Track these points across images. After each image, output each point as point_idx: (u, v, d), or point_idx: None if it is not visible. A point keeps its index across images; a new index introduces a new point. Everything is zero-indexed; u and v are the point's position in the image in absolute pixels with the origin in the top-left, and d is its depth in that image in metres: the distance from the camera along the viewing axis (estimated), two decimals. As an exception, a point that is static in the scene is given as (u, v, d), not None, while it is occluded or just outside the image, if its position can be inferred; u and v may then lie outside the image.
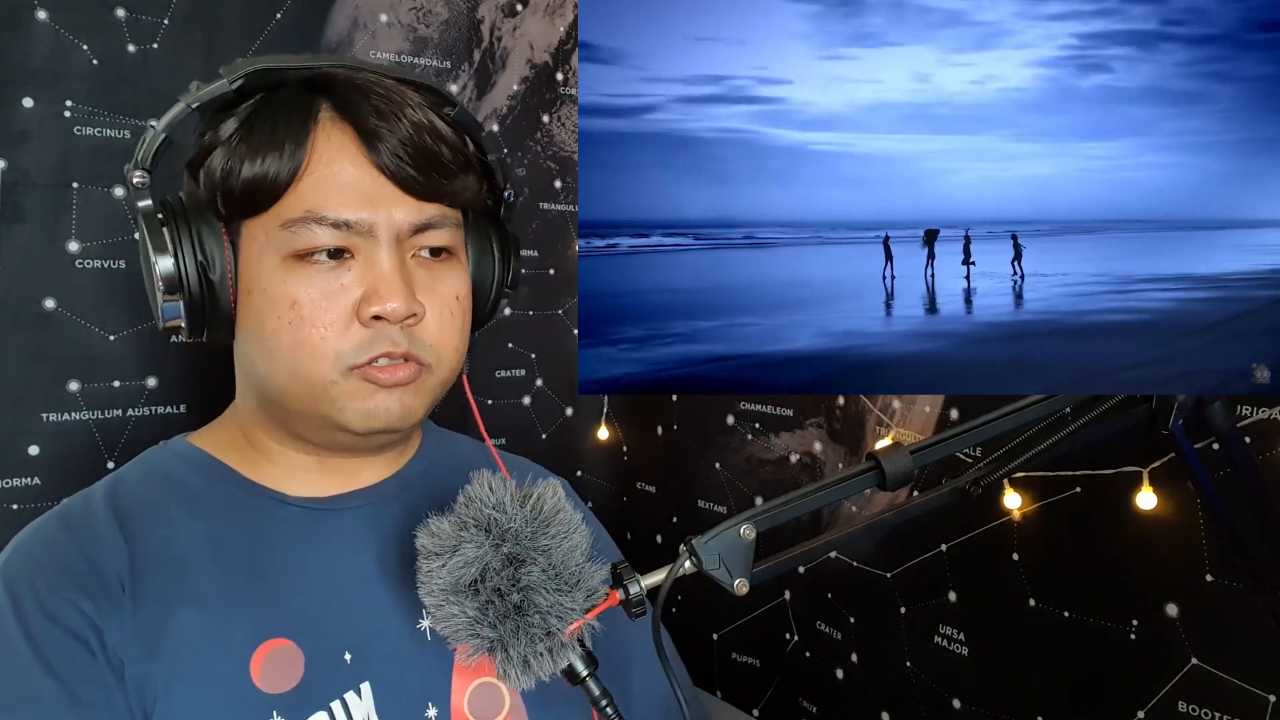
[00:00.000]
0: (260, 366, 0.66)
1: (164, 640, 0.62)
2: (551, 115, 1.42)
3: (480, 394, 1.38)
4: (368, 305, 0.63)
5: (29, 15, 1.00)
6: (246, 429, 0.72)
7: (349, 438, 0.67)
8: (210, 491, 0.69)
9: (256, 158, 0.63)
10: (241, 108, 0.65)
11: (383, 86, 0.66)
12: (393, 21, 1.26)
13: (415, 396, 0.67)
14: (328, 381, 0.64)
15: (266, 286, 0.64)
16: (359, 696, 0.65)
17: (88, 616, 0.61)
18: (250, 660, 0.63)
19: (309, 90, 0.66)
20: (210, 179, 0.64)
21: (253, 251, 0.64)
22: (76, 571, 0.62)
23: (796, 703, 1.23)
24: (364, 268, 0.64)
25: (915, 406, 1.05)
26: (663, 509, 1.45)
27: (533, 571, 0.55)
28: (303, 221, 0.63)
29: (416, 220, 0.66)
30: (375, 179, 0.64)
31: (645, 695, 0.76)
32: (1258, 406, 0.75)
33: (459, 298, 0.69)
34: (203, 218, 0.64)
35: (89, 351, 1.05)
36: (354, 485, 0.73)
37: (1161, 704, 0.82)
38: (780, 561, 0.59)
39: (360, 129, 0.64)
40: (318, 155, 0.64)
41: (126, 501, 0.67)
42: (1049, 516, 0.90)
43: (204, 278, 0.64)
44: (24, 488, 1.01)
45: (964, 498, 0.64)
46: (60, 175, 1.03)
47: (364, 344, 0.64)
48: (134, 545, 0.64)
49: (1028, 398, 0.61)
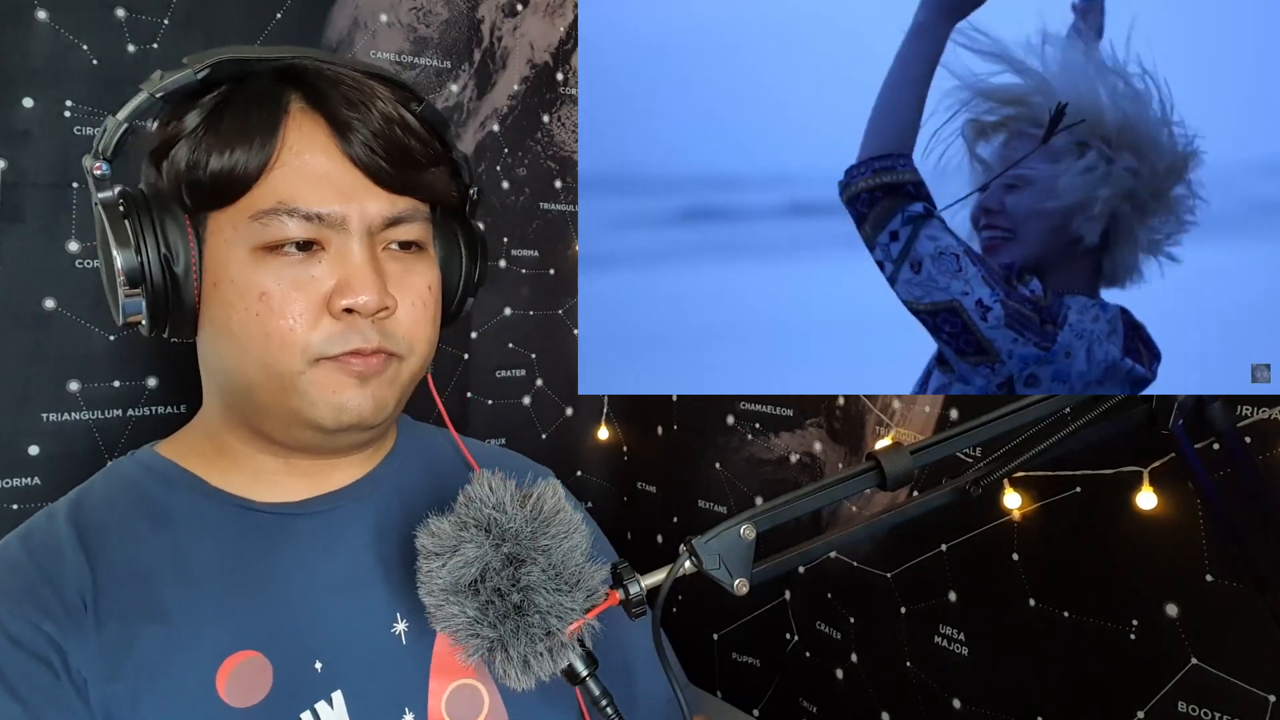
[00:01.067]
0: (228, 360, 0.64)
1: (129, 659, 0.60)
2: (551, 115, 1.42)
3: (480, 394, 1.38)
4: (339, 297, 0.62)
5: (29, 15, 1.00)
6: (213, 433, 0.70)
7: (318, 436, 0.66)
8: (175, 502, 0.68)
9: (225, 149, 0.61)
10: (207, 98, 0.63)
11: (352, 78, 0.65)
12: (393, 21, 1.26)
13: (388, 388, 0.66)
14: (296, 372, 0.62)
15: (235, 278, 0.62)
16: (330, 706, 0.64)
17: (50, 638, 0.59)
18: (216, 674, 0.62)
19: (278, 81, 0.65)
20: (174, 170, 0.63)
21: (219, 243, 0.63)
22: (37, 593, 0.61)
23: (796, 703, 1.23)
24: (335, 260, 0.63)
25: (915, 406, 1.05)
26: (663, 509, 1.45)
27: (533, 571, 0.55)
28: (273, 213, 0.61)
29: (389, 213, 0.65)
30: (347, 171, 0.64)
31: (647, 698, 0.76)
32: (1258, 406, 0.75)
33: (430, 288, 0.68)
34: (165, 209, 0.63)
35: (89, 351, 1.05)
36: (324, 488, 0.71)
37: (1161, 704, 0.82)
38: (780, 561, 0.59)
39: (332, 120, 0.63)
40: (288, 146, 0.62)
41: (90, 518, 0.66)
42: (1049, 516, 0.90)
43: (168, 270, 0.62)
44: (24, 487, 1.01)
45: (964, 498, 0.64)
46: (60, 175, 1.03)
47: (334, 337, 0.63)
48: (96, 563, 0.63)
49: (1028, 398, 0.61)
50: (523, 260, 1.41)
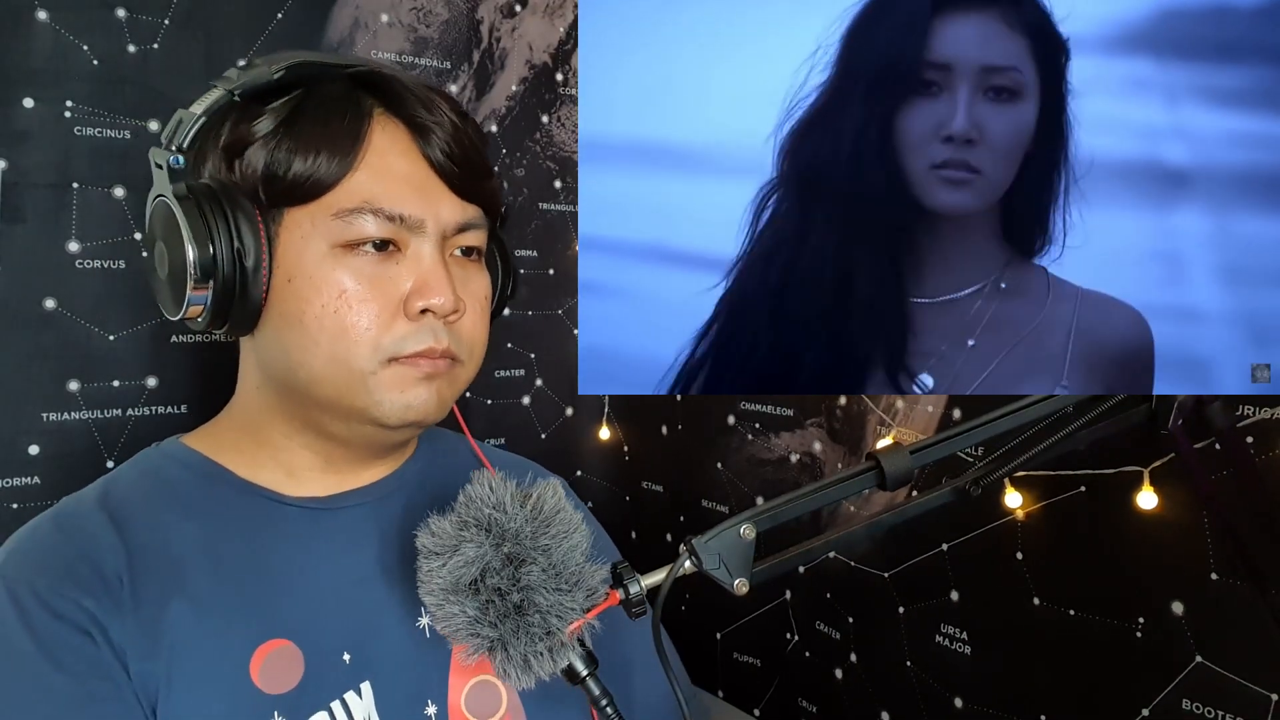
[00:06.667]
0: (293, 354, 0.65)
1: (163, 639, 0.62)
2: (551, 115, 1.42)
3: (480, 394, 1.38)
4: (417, 298, 0.64)
5: (29, 15, 1.00)
6: (254, 426, 0.71)
7: (379, 432, 0.67)
8: (204, 493, 0.69)
9: (310, 149, 0.63)
10: (283, 99, 0.65)
11: (418, 88, 0.68)
12: (393, 21, 1.26)
13: (450, 388, 0.68)
14: (366, 372, 0.64)
15: (312, 274, 0.63)
16: (359, 696, 0.65)
17: (90, 613, 0.60)
18: (250, 661, 0.63)
19: (355, 86, 0.67)
20: (251, 167, 0.64)
21: (295, 238, 0.64)
22: (75, 571, 0.62)
23: (796, 703, 1.23)
24: (412, 261, 0.65)
25: (917, 406, 1.05)
26: (663, 509, 1.45)
27: (533, 571, 0.55)
28: (358, 212, 0.63)
29: (461, 219, 0.67)
30: (426, 174, 0.66)
31: (647, 698, 0.76)
32: (1258, 406, 0.75)
33: (486, 297, 0.71)
34: (237, 204, 0.63)
35: (89, 351, 1.05)
36: (354, 484, 0.72)
37: (1166, 701, 0.82)
38: (780, 561, 0.59)
39: (410, 124, 0.66)
40: (373, 148, 0.65)
41: (120, 503, 0.67)
42: (1053, 516, 0.90)
43: (239, 264, 0.63)
44: (24, 487, 1.01)
45: (964, 497, 0.64)
46: (60, 175, 1.02)
47: (408, 336, 0.64)
48: (130, 545, 0.64)
49: (1028, 397, 0.61)
50: (522, 260, 1.41)
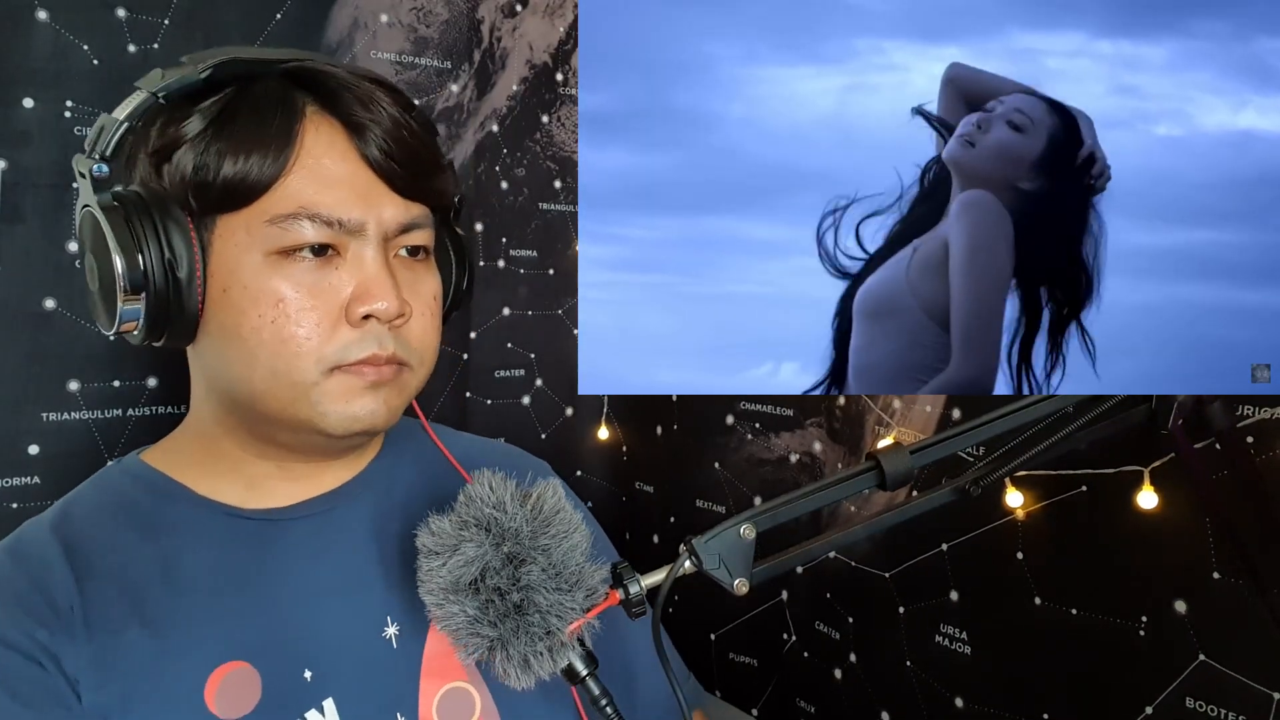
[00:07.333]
0: (234, 367, 0.63)
1: (117, 669, 0.60)
2: (551, 115, 1.42)
3: (480, 394, 1.38)
4: (359, 304, 0.62)
5: (29, 15, 1.00)
6: (206, 439, 0.69)
7: (325, 441, 0.65)
8: (163, 512, 0.67)
9: (240, 152, 0.60)
10: (211, 100, 0.62)
11: (355, 82, 0.64)
12: (393, 21, 1.26)
13: (398, 396, 0.66)
14: (309, 383, 0.62)
15: (248, 283, 0.61)
16: (321, 713, 0.64)
17: (42, 644, 0.59)
18: (205, 686, 0.61)
19: (288, 84, 0.63)
20: (179, 172, 0.61)
21: (229, 247, 0.61)
22: (29, 601, 0.61)
23: (795, 703, 1.23)
24: (353, 266, 0.62)
25: (916, 406, 1.04)
26: (662, 509, 1.45)
27: (533, 571, 0.55)
28: (293, 217, 0.60)
29: (404, 220, 0.65)
30: (365, 176, 0.63)
31: (649, 700, 0.76)
32: (1258, 406, 0.75)
33: (435, 297, 0.68)
34: (166, 212, 0.60)
35: (89, 351, 1.05)
36: (316, 490, 0.70)
37: (1169, 700, 0.82)
38: (780, 561, 0.59)
39: (347, 123, 0.63)
40: (306, 149, 0.62)
41: (78, 530, 0.65)
42: (1054, 515, 0.90)
43: (171, 275, 0.60)
44: (24, 487, 1.01)
45: (964, 497, 0.64)
46: (60, 175, 1.02)
47: (351, 344, 0.62)
48: (82, 574, 0.62)
49: (1028, 397, 0.61)
50: (522, 260, 1.41)
